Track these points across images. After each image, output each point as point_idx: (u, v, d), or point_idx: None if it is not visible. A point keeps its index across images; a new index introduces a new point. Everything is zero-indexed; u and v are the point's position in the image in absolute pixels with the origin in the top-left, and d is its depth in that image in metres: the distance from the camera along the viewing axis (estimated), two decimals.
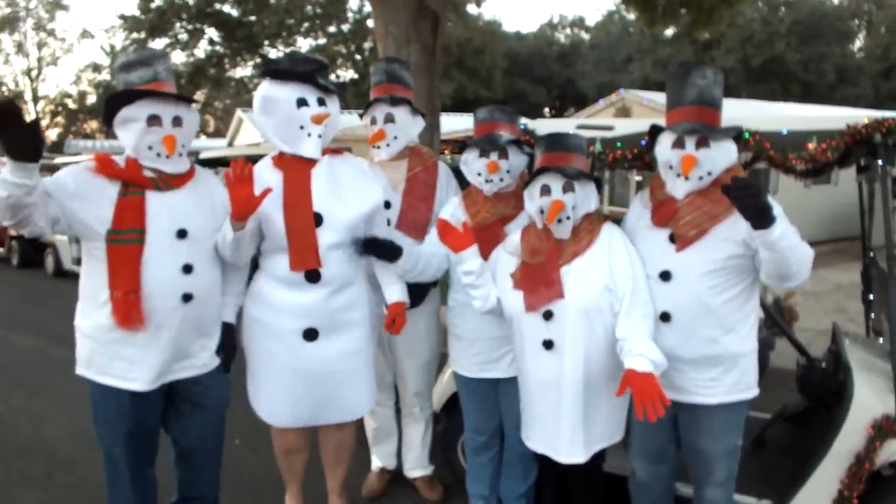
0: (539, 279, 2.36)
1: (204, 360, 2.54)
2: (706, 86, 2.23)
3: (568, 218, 2.33)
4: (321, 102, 2.50)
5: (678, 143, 2.23)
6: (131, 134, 2.34)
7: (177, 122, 2.38)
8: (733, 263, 2.22)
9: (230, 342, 2.62)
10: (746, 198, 1.93)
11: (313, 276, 2.50)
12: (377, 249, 2.60)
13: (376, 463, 3.43)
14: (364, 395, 2.74)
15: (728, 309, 2.24)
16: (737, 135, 2.25)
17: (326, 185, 2.52)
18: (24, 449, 3.99)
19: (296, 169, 2.52)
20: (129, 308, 2.30)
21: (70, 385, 2.46)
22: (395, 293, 2.68)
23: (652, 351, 2.17)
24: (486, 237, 2.60)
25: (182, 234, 2.39)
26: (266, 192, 2.35)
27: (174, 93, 2.43)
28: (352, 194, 2.57)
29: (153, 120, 2.33)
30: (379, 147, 2.93)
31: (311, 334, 2.56)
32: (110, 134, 2.44)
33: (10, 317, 7.45)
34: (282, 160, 2.56)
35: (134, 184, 2.35)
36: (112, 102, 2.33)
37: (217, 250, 2.51)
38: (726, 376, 2.28)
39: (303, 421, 2.69)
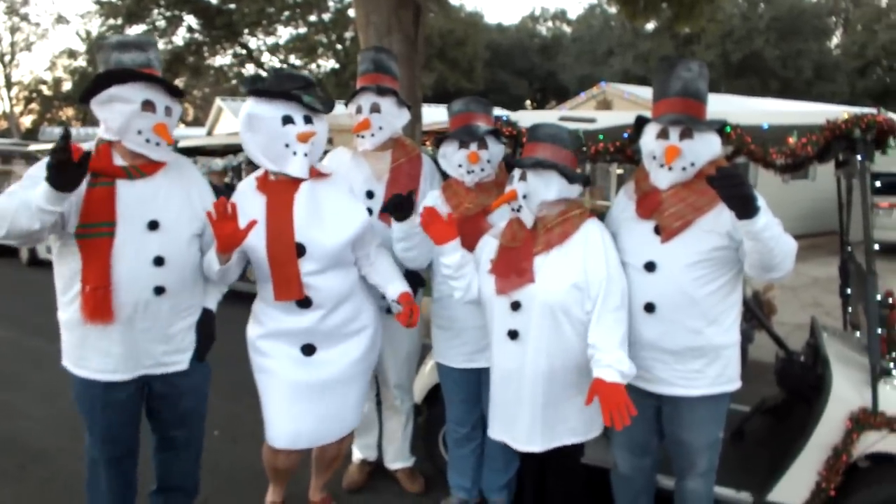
0: (512, 265, 2.38)
1: (181, 357, 2.50)
2: (691, 78, 2.24)
3: (520, 207, 2.36)
4: (308, 120, 2.45)
5: (662, 134, 2.24)
6: (118, 115, 2.27)
7: (168, 111, 2.35)
8: (718, 255, 2.23)
9: (206, 329, 2.55)
10: (731, 187, 1.93)
11: (304, 303, 2.48)
12: (393, 208, 2.60)
13: (357, 455, 3.42)
14: (358, 407, 2.73)
15: (712, 300, 2.25)
16: (720, 128, 2.26)
17: (308, 212, 2.45)
18: None
19: (279, 194, 2.47)
20: (97, 303, 2.25)
21: (44, 376, 2.43)
22: (399, 286, 2.65)
23: (620, 361, 2.18)
24: (470, 228, 2.61)
25: (153, 225, 2.33)
26: (251, 224, 2.30)
27: (173, 84, 2.40)
28: (334, 220, 2.50)
29: (147, 105, 2.29)
30: (363, 137, 2.90)
31: (308, 349, 2.54)
32: (86, 121, 2.38)
33: None
34: (265, 183, 2.51)
35: (103, 174, 2.28)
36: (108, 78, 2.26)
37: (202, 262, 2.47)
38: (709, 368, 2.29)
39: (305, 441, 2.62)
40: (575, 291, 2.29)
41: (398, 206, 2.58)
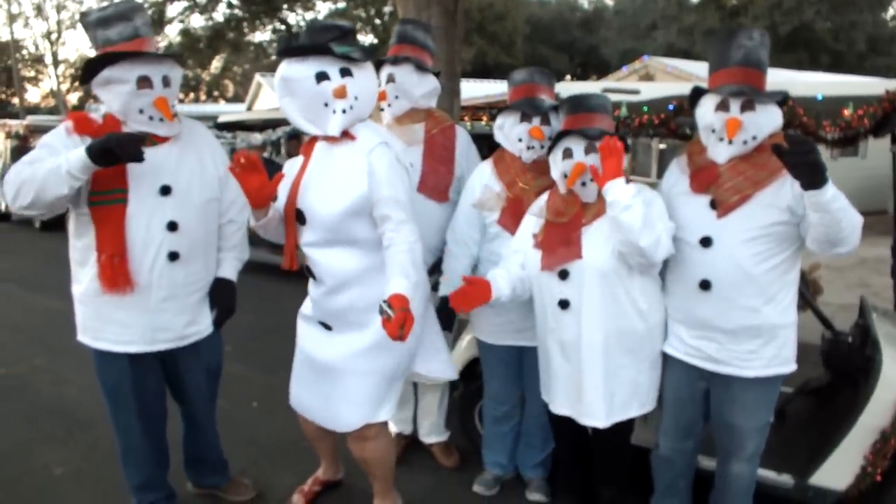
0: (560, 239, 2.33)
1: (198, 328, 2.53)
2: (753, 47, 2.14)
3: (592, 180, 2.27)
4: (345, 73, 2.24)
5: (722, 106, 2.15)
6: (117, 97, 2.24)
7: (166, 81, 2.29)
8: (776, 230, 2.15)
9: (223, 299, 2.52)
10: (801, 154, 1.82)
11: (311, 272, 2.41)
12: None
13: (392, 428, 3.43)
14: (361, 408, 2.45)
15: (770, 278, 2.18)
16: (782, 100, 2.16)
17: (314, 179, 2.31)
18: (47, 409, 4.04)
19: (307, 156, 2.38)
20: (114, 271, 2.26)
21: (88, 348, 2.47)
22: (395, 285, 2.13)
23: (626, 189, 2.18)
24: (524, 210, 2.56)
25: (166, 190, 2.32)
26: (278, 178, 2.23)
27: (162, 53, 2.33)
28: (336, 188, 2.28)
29: (143, 82, 2.24)
30: (382, 109, 2.89)
31: (326, 325, 2.50)
32: None
33: (33, 278, 7.54)
34: (308, 145, 2.41)
35: None
36: (95, 64, 2.21)
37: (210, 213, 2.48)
38: (765, 349, 2.22)
39: (305, 412, 2.63)
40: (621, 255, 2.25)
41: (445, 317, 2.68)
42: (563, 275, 2.32)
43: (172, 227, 2.34)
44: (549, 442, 2.84)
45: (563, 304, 2.34)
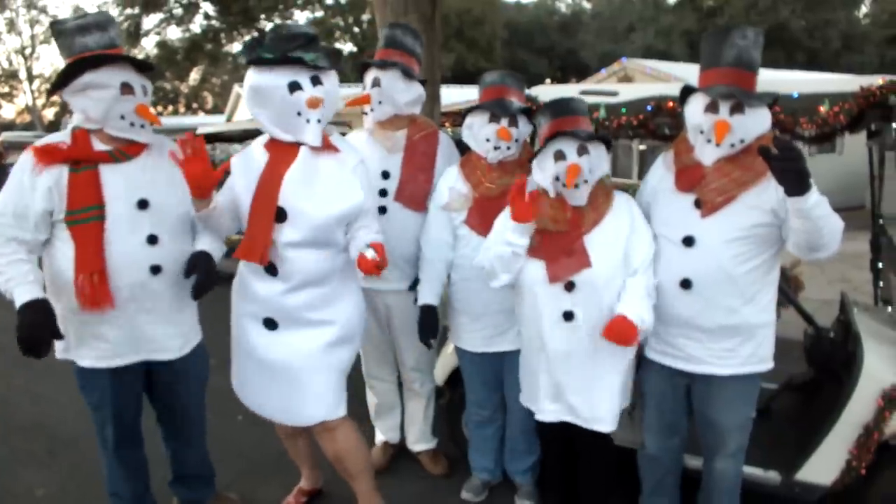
0: (561, 248, 2.30)
1: (183, 342, 2.51)
2: (746, 47, 2.11)
3: (585, 182, 2.28)
4: (316, 81, 2.28)
5: (712, 107, 2.13)
6: (98, 102, 2.23)
7: (144, 90, 2.32)
8: (759, 232, 2.15)
9: (203, 265, 2.38)
10: (789, 161, 1.82)
11: (270, 269, 2.36)
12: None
13: (379, 437, 3.42)
14: (321, 401, 2.48)
15: (750, 278, 2.18)
16: (772, 102, 2.16)
17: (300, 180, 2.32)
18: (27, 428, 3.98)
19: (279, 156, 2.35)
20: (93, 289, 2.23)
21: (69, 363, 2.43)
22: (376, 238, 2.41)
23: (644, 312, 2.19)
24: (490, 209, 2.54)
25: (143, 204, 2.31)
26: (224, 166, 2.23)
27: (142, 61, 2.35)
28: (327, 194, 2.34)
29: (126, 88, 2.25)
30: (366, 113, 2.87)
31: (270, 323, 2.43)
32: None
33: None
34: (273, 144, 2.40)
35: (85, 160, 2.25)
36: (81, 66, 2.21)
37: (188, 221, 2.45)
38: (742, 347, 2.23)
39: (266, 412, 2.58)
40: (622, 262, 2.27)
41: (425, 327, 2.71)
42: (570, 286, 2.29)
43: (153, 240, 2.32)
44: (535, 447, 2.83)
45: (568, 316, 2.31)
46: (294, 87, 2.25)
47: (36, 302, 2.15)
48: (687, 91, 2.24)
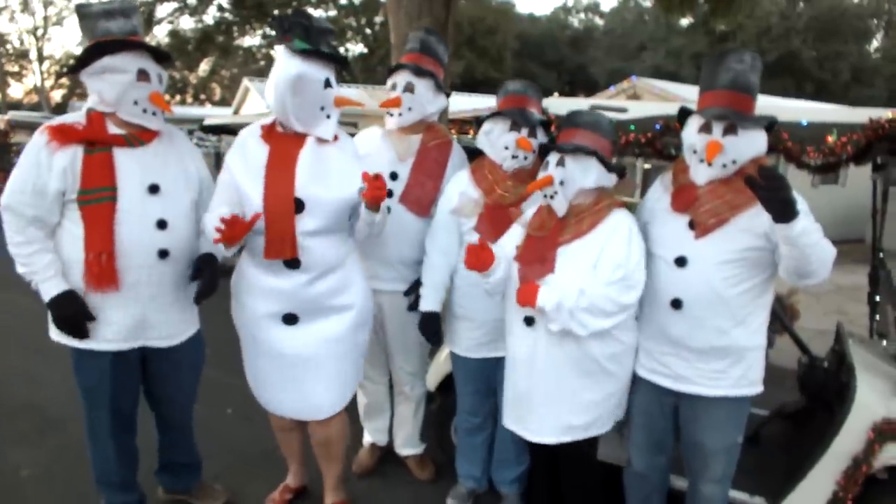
0: (536, 255, 2.33)
1: (184, 328, 2.53)
2: (742, 70, 2.14)
3: (556, 193, 2.29)
4: (335, 80, 2.41)
5: (705, 128, 2.17)
6: (114, 85, 2.27)
7: (160, 79, 2.36)
8: (751, 255, 2.17)
9: (208, 269, 2.47)
10: (772, 189, 1.86)
11: (292, 262, 2.39)
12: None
13: (367, 438, 3.41)
14: (343, 388, 2.61)
15: (741, 301, 2.19)
16: (769, 125, 2.17)
17: (311, 169, 2.37)
18: (18, 408, 3.97)
19: (283, 147, 2.39)
20: (101, 270, 2.26)
21: (66, 346, 2.43)
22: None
23: (561, 299, 2.19)
24: (503, 216, 2.56)
25: (154, 188, 2.35)
26: (256, 217, 2.25)
27: (163, 50, 2.41)
28: (338, 178, 2.42)
29: (142, 75, 2.29)
30: (391, 114, 2.86)
31: (290, 318, 2.46)
32: None
33: (11, 278, 7.42)
34: (271, 134, 2.43)
35: (100, 142, 2.28)
36: (101, 48, 2.24)
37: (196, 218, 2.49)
38: (732, 369, 2.24)
39: (286, 411, 2.62)
40: (592, 279, 2.25)
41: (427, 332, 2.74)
42: None
43: (162, 224, 2.35)
44: (523, 457, 2.83)
45: (528, 321, 2.34)
46: (328, 83, 2.37)
47: (63, 295, 2.28)
48: (685, 113, 2.28)
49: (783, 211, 1.89)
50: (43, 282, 2.29)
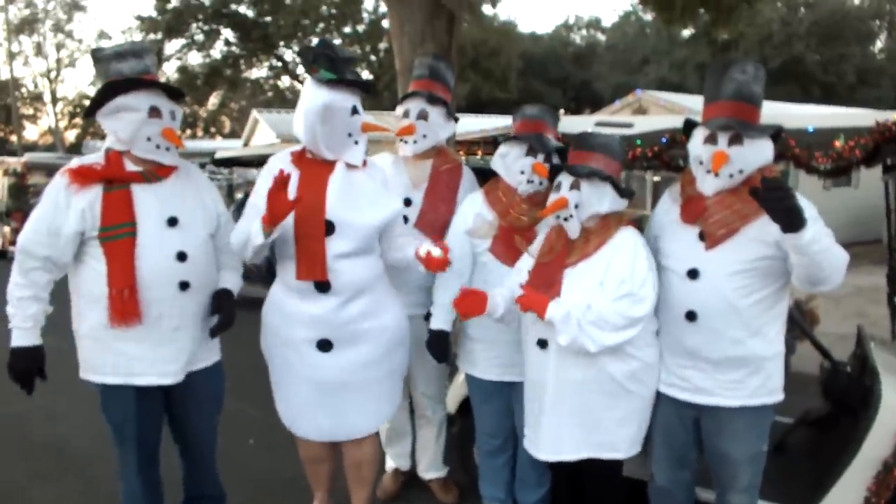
0: (544, 279, 2.34)
1: (205, 357, 2.55)
2: (745, 81, 2.16)
3: (571, 216, 2.30)
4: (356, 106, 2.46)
5: (711, 139, 2.18)
6: (128, 124, 2.31)
7: (172, 115, 2.40)
8: (763, 265, 2.16)
9: (225, 305, 2.51)
10: (775, 200, 1.86)
11: (323, 286, 2.42)
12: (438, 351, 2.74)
13: (390, 464, 3.40)
14: (383, 408, 2.67)
15: (755, 311, 2.19)
16: (774, 134, 2.18)
17: (341, 192, 2.42)
18: (40, 447, 4.00)
19: (313, 172, 2.45)
20: (124, 304, 2.29)
21: (87, 384, 2.46)
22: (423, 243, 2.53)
23: (568, 313, 2.19)
24: (517, 238, 2.57)
25: (173, 221, 2.38)
26: (300, 198, 2.28)
27: (173, 87, 2.46)
28: (368, 202, 2.47)
29: (154, 111, 2.33)
30: (406, 142, 2.89)
31: (324, 345, 2.48)
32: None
33: None
34: (301, 159, 2.49)
35: (118, 180, 2.33)
36: (113, 89, 2.30)
37: (229, 246, 2.51)
38: (751, 379, 2.23)
39: (324, 434, 2.63)
40: (600, 292, 2.26)
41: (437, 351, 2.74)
42: None
43: (182, 257, 2.38)
44: (545, 478, 2.80)
45: (542, 344, 2.35)
46: (355, 110, 2.43)
47: (27, 349, 2.35)
48: (690, 125, 2.29)
49: (790, 221, 1.89)
50: (18, 328, 2.33)
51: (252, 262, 2.55)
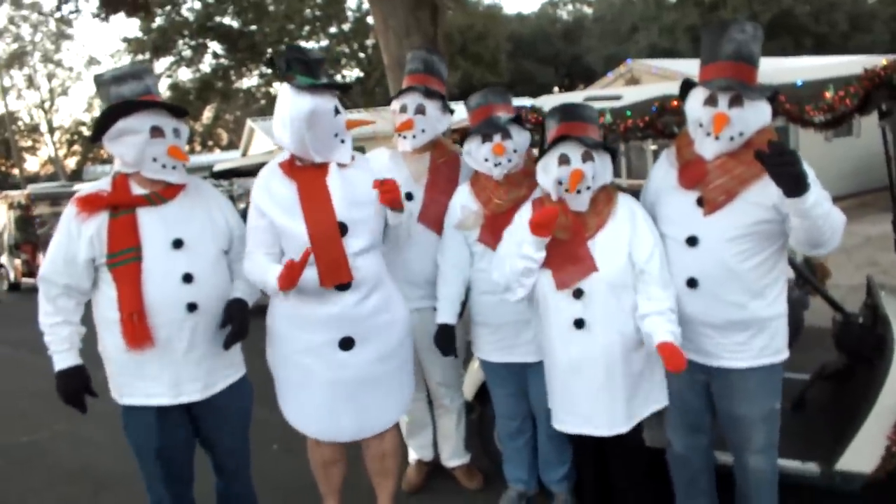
0: (566, 256, 2.32)
1: (224, 375, 2.53)
2: (744, 41, 2.12)
3: (588, 188, 2.30)
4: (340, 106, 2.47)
5: (710, 101, 2.14)
6: (130, 147, 2.32)
7: (176, 133, 2.39)
8: (762, 229, 2.16)
9: (236, 315, 2.47)
10: (783, 165, 1.84)
11: (344, 284, 2.42)
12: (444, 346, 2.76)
13: (413, 456, 3.43)
14: (401, 398, 2.69)
15: (755, 274, 2.18)
16: (772, 95, 2.16)
17: (343, 192, 2.43)
18: (70, 473, 4.05)
19: (310, 179, 2.44)
20: (135, 329, 2.30)
21: (109, 406, 2.49)
22: None
23: (674, 325, 2.20)
24: (502, 223, 2.56)
25: (178, 243, 2.37)
26: (307, 254, 2.30)
27: (174, 105, 2.45)
28: (368, 196, 2.47)
29: (156, 131, 2.32)
30: (405, 137, 2.90)
31: (346, 343, 2.47)
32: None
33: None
34: (293, 169, 2.48)
35: (123, 206, 2.34)
36: (113, 113, 2.31)
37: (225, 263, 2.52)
38: (754, 340, 2.23)
39: (349, 435, 2.61)
40: (630, 266, 2.28)
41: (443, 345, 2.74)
42: (578, 293, 2.30)
43: (188, 278, 2.37)
44: (566, 455, 2.82)
45: (579, 324, 2.31)
46: (337, 110, 2.42)
47: (69, 370, 2.38)
48: (688, 86, 2.25)
49: (795, 185, 1.87)
50: (56, 353, 2.39)
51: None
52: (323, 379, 2.52)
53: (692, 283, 2.23)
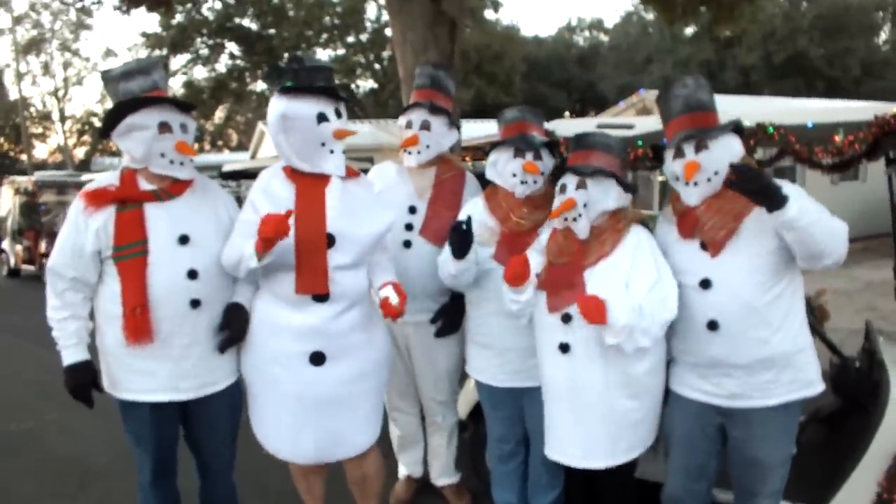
0: (562, 281, 2.33)
1: (220, 375, 2.53)
2: (689, 93, 2.26)
3: (580, 216, 2.31)
4: (338, 114, 2.39)
5: (678, 153, 2.25)
6: (139, 142, 2.34)
7: (183, 128, 2.41)
8: (772, 259, 2.17)
9: (233, 320, 2.46)
10: (748, 181, 1.94)
11: (321, 296, 2.37)
12: (459, 239, 2.47)
13: (402, 471, 3.42)
14: (370, 425, 2.58)
15: (774, 308, 2.18)
16: (736, 128, 2.24)
17: (340, 204, 2.39)
18: (59, 462, 4.04)
19: (309, 185, 2.41)
20: (136, 323, 2.31)
21: (101, 398, 2.49)
22: (389, 277, 2.57)
23: (628, 312, 2.15)
24: (521, 243, 2.56)
25: (184, 239, 2.39)
26: (289, 213, 2.21)
27: (181, 101, 2.47)
28: (366, 214, 2.45)
29: (164, 127, 2.35)
30: (410, 153, 2.91)
31: (317, 358, 2.40)
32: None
33: (44, 333, 7.57)
34: (294, 173, 2.44)
35: (131, 200, 2.36)
36: (121, 109, 2.33)
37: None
38: (782, 376, 2.21)
39: (309, 457, 2.52)
40: (626, 298, 2.24)
41: (459, 240, 2.48)
42: (566, 318, 2.31)
43: (192, 275, 2.39)
44: (557, 481, 2.80)
45: (564, 348, 2.33)
46: (322, 118, 2.34)
47: (78, 365, 2.41)
48: (657, 150, 2.38)
49: (769, 198, 1.95)
50: (65, 348, 2.40)
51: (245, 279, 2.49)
52: (288, 392, 2.43)
53: (713, 325, 2.21)
